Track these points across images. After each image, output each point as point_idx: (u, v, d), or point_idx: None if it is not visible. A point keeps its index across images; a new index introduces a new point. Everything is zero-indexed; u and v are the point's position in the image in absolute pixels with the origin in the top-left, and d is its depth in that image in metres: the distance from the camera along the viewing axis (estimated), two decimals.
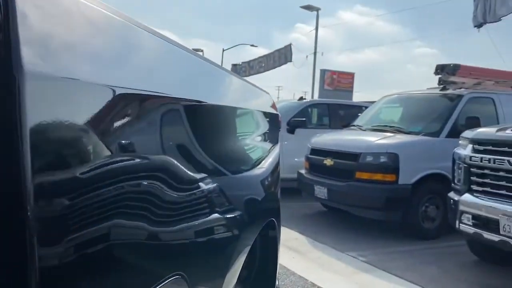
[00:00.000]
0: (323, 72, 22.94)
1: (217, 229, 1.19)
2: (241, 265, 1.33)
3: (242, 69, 28.09)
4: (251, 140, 1.73)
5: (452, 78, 6.60)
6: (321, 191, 5.81)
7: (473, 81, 6.75)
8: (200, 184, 1.12)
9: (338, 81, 23.14)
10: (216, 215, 1.18)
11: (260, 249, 1.68)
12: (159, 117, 0.93)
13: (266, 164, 1.75)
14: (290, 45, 23.78)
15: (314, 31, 22.92)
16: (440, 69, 6.24)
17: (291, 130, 7.74)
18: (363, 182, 5.34)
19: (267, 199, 1.64)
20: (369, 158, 5.35)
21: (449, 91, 6.24)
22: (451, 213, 4.28)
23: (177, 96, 1.02)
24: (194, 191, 1.08)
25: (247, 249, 1.33)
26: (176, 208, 0.95)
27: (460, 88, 6.54)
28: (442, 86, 6.36)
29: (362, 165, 5.38)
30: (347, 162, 5.56)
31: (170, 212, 0.92)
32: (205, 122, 1.24)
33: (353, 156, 5.49)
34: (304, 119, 7.83)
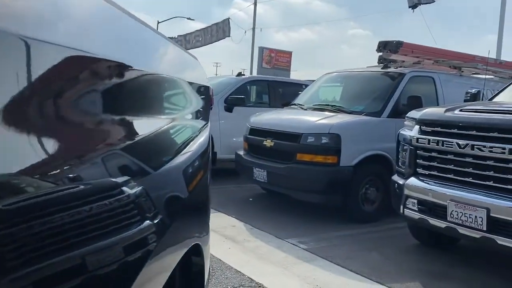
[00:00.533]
0: (261, 50, 22.68)
1: (103, 265, 0.73)
2: None
3: (178, 43, 26.95)
4: (174, 119, 1.26)
5: (394, 56, 6.44)
6: (260, 174, 5.45)
7: (412, 59, 6.64)
8: (85, 185, 0.69)
9: (276, 60, 23.07)
10: (102, 241, 0.72)
11: (180, 283, 1.19)
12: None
13: (190, 155, 1.30)
14: (228, 19, 23.11)
15: (252, 6, 22.38)
16: (383, 46, 6.03)
17: (229, 108, 7.30)
18: (304, 164, 5.04)
19: (189, 212, 1.18)
20: (310, 139, 5.04)
21: (391, 69, 6.06)
22: (395, 198, 4.08)
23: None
24: (75, 195, 0.66)
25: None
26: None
27: (400, 66, 6.40)
28: (383, 64, 6.16)
29: (303, 146, 5.07)
30: (287, 143, 5.23)
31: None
32: (106, 89, 0.82)
33: (294, 137, 5.16)
34: (243, 96, 7.39)
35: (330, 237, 4.60)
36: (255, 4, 21.99)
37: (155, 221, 0.87)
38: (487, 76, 6.72)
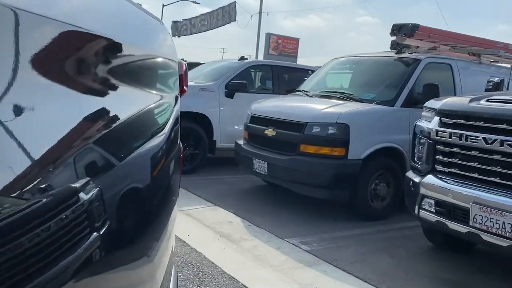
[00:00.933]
0: (268, 36, 22.21)
1: None
2: None
3: (183, 27, 26.46)
4: (121, 107, 0.85)
5: (408, 41, 5.97)
6: (260, 166, 5.04)
7: (428, 45, 6.16)
8: None
9: (283, 46, 22.66)
10: None
11: None
12: None
13: (146, 161, 0.90)
14: (234, 3, 22.49)
15: None
16: (397, 29, 5.55)
17: (230, 94, 6.87)
18: (309, 156, 4.62)
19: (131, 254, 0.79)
20: (316, 129, 4.62)
21: (405, 55, 5.58)
22: (409, 197, 3.66)
23: None
24: None
25: None
26: None
27: (414, 52, 5.93)
28: (398, 49, 5.69)
29: (307, 137, 4.65)
30: (290, 133, 4.80)
31: None
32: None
33: (298, 126, 4.74)
34: (244, 81, 6.94)
35: (335, 237, 4.20)
36: None
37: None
38: (507, 64, 6.24)
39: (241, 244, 3.88)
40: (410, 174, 3.74)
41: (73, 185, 0.61)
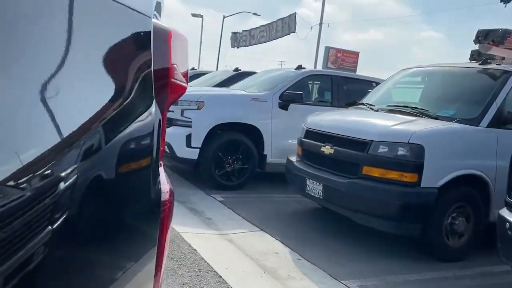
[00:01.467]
0: (327, 49, 21.60)
1: None
2: None
3: (243, 38, 26.32)
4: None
5: (493, 50, 5.11)
6: (315, 188, 4.39)
7: None
8: None
9: (342, 60, 22.01)
10: None
11: None
12: None
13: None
14: (294, 14, 22.04)
15: (319, 4, 21.20)
16: (483, 35, 4.73)
17: (284, 105, 6.28)
18: (373, 180, 3.92)
19: None
20: (383, 149, 3.91)
21: (492, 66, 4.74)
22: (505, 243, 2.87)
23: None
24: None
25: None
26: None
27: (499, 64, 5.06)
28: (483, 59, 4.85)
29: (372, 157, 3.95)
30: (352, 152, 4.12)
31: None
32: None
33: (361, 145, 4.05)
34: (300, 92, 6.33)
35: (401, 282, 3.46)
36: None
37: None
38: None
39: (288, 284, 3.24)
40: (505, 213, 2.95)
41: None
